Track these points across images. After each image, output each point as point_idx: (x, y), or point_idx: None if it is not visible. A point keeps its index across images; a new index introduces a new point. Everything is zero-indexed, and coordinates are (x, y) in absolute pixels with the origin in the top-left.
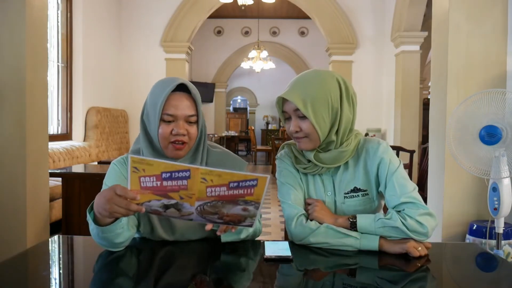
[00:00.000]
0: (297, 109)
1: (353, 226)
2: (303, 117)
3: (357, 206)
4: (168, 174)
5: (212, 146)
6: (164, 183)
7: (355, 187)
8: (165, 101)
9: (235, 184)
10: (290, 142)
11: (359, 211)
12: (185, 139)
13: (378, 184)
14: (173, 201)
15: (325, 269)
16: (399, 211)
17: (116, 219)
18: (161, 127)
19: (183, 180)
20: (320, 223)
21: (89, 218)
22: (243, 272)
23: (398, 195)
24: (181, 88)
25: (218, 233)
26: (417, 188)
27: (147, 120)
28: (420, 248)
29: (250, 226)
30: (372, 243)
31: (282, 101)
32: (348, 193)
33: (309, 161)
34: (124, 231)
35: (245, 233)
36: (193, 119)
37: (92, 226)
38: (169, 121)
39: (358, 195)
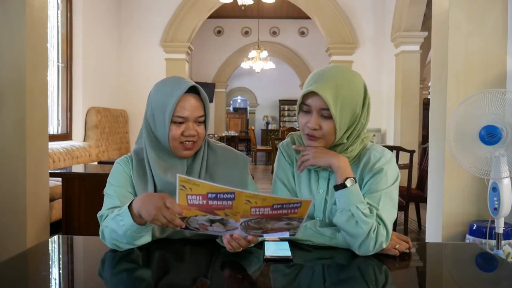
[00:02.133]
0: (323, 109)
1: (337, 188)
2: (328, 117)
3: None
4: (214, 195)
5: (213, 141)
6: (210, 202)
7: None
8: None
9: (279, 205)
10: (295, 133)
11: None
12: (195, 139)
13: None
14: (218, 217)
15: (325, 269)
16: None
17: None
18: (171, 129)
19: (228, 201)
20: (328, 167)
21: (125, 213)
22: (243, 273)
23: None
24: (189, 88)
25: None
26: (395, 216)
27: (152, 120)
28: (398, 246)
29: (293, 235)
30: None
31: (306, 93)
32: None
33: None
34: (146, 236)
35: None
36: (202, 119)
37: (124, 222)
38: (179, 123)
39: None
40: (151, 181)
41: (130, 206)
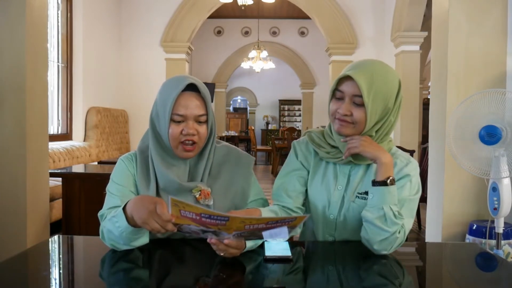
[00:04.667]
0: (356, 95)
1: (376, 184)
2: (359, 105)
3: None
4: (207, 215)
5: (216, 141)
6: (203, 219)
7: (368, 191)
8: (175, 101)
9: (273, 222)
10: (313, 130)
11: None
12: (195, 138)
13: None
14: (211, 229)
15: (325, 269)
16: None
17: None
18: (171, 127)
19: (222, 221)
20: (373, 159)
21: (120, 215)
22: (243, 273)
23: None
24: (191, 87)
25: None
26: (410, 226)
27: (156, 119)
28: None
29: (284, 238)
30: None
31: (340, 80)
32: (361, 194)
33: (333, 147)
34: (144, 237)
35: (259, 242)
36: (203, 118)
37: (119, 224)
38: (179, 121)
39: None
40: (154, 179)
41: (124, 208)
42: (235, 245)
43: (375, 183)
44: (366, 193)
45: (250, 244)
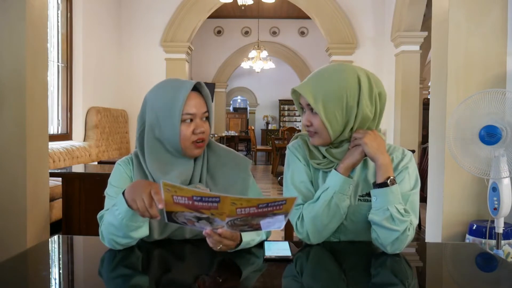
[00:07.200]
0: (309, 104)
1: (377, 186)
2: (315, 113)
3: (368, 211)
4: (199, 198)
5: (215, 143)
6: (196, 203)
7: (370, 192)
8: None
9: (264, 205)
10: (304, 133)
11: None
12: (204, 136)
13: None
14: (204, 215)
15: (324, 269)
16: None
17: None
18: (181, 129)
19: (214, 203)
20: (370, 158)
21: (120, 201)
22: (243, 273)
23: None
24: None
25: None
26: (417, 221)
27: (156, 124)
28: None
29: (279, 228)
30: (338, 176)
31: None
32: (363, 196)
33: (324, 156)
34: (143, 228)
35: (257, 239)
36: (207, 115)
37: (119, 210)
38: (189, 120)
39: (371, 200)
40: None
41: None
42: (230, 235)
43: (375, 185)
44: (368, 194)
45: (246, 239)
